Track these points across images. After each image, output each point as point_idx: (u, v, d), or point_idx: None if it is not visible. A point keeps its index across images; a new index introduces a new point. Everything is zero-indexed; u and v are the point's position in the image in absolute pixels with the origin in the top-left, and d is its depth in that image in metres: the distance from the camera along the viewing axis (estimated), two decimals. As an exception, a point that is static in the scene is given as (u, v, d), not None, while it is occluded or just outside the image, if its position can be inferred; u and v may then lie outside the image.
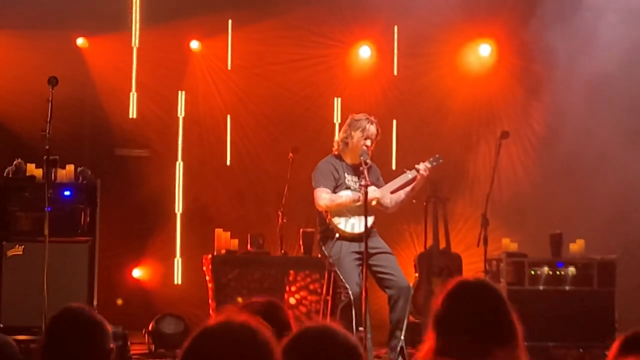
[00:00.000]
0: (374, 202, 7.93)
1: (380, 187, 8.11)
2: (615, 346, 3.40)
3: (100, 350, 3.66)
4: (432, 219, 10.22)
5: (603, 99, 11.35)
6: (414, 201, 8.85)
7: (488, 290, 3.35)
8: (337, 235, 7.89)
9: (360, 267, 7.70)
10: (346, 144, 8.02)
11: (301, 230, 10.17)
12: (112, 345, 3.71)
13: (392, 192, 8.14)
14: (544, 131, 11.85)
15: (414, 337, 8.63)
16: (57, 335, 3.66)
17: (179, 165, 12.01)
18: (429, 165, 8.22)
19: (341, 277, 7.81)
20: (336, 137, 8.40)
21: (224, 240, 10.14)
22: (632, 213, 11.10)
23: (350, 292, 7.69)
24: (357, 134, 7.96)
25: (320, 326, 2.75)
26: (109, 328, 3.73)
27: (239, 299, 9.57)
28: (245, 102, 12.02)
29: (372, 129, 7.97)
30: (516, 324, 3.31)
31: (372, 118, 8.06)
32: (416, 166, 8.17)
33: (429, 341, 3.30)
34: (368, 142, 7.94)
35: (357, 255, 7.79)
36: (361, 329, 7.51)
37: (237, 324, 2.55)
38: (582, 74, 11.26)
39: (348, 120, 8.13)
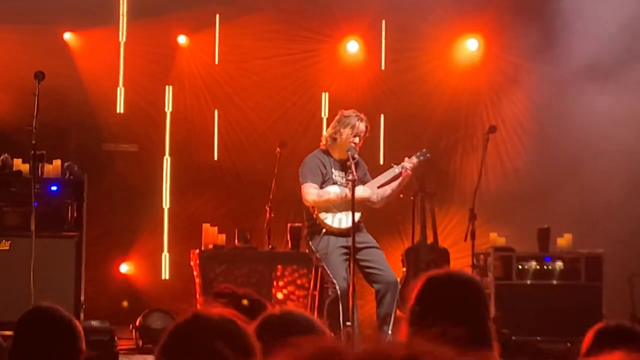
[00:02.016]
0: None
1: (367, 182, 8.11)
2: (588, 339, 3.33)
3: (71, 351, 3.51)
4: (419, 213, 10.22)
5: (590, 91, 11.35)
6: (401, 196, 8.85)
7: (459, 284, 3.33)
8: (324, 230, 7.89)
9: (348, 262, 7.70)
10: (334, 139, 8.01)
11: (289, 225, 10.16)
12: (83, 346, 3.54)
13: (378, 187, 8.15)
14: (531, 125, 11.86)
15: (402, 332, 8.61)
16: (26, 335, 3.52)
17: (167, 160, 11.98)
18: (415, 160, 8.23)
19: (328, 272, 7.81)
20: (324, 132, 8.39)
21: (212, 235, 10.12)
22: (620, 206, 11.11)
23: (337, 287, 7.69)
24: (346, 131, 7.94)
25: (281, 312, 2.76)
26: (81, 328, 3.57)
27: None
28: (232, 97, 11.99)
29: (361, 126, 7.96)
30: (489, 319, 3.28)
31: (362, 115, 8.03)
32: (403, 163, 8.17)
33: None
34: (356, 140, 7.92)
35: (345, 250, 7.79)
36: (348, 324, 7.51)
37: (217, 316, 2.56)
38: (569, 67, 11.28)
39: (337, 117, 8.11)
